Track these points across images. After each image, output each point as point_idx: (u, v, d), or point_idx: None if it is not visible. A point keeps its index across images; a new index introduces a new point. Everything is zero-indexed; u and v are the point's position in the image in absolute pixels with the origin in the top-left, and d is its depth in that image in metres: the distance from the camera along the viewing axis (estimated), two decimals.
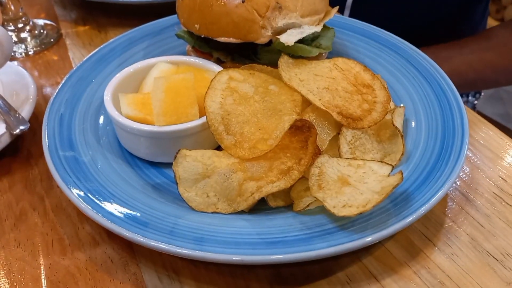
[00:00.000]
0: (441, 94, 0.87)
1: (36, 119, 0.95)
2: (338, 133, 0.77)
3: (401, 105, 0.87)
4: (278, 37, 0.82)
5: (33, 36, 1.21)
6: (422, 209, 0.66)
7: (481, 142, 0.88)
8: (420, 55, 0.96)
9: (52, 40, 1.22)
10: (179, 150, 0.71)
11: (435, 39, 1.48)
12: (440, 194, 0.68)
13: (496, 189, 0.79)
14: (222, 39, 0.85)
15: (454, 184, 0.79)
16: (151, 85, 0.80)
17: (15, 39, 1.18)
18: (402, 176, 0.65)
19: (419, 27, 1.52)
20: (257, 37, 0.84)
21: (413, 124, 0.83)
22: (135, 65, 0.87)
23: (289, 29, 0.84)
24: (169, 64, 0.88)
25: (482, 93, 1.90)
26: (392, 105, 0.84)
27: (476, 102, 1.91)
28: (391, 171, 0.70)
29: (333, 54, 1.01)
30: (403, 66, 0.95)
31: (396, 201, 0.69)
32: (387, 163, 0.71)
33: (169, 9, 1.10)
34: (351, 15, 1.53)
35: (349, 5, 1.52)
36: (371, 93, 0.80)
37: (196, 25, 0.87)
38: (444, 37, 1.52)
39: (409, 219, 0.65)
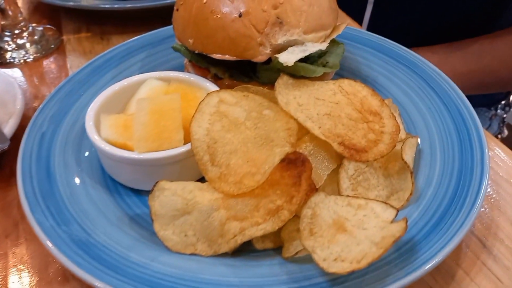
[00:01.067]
0: (460, 122, 0.77)
1: (23, 132, 0.89)
2: (339, 166, 0.68)
3: (415, 134, 0.78)
4: (277, 55, 0.74)
5: (32, 43, 1.16)
6: (428, 264, 0.57)
7: (504, 177, 0.78)
8: (439, 76, 0.86)
9: (52, 46, 1.17)
10: (156, 183, 0.64)
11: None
12: (450, 247, 0.59)
13: None
14: (217, 56, 0.78)
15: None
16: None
17: (13, 45, 1.14)
18: (406, 225, 0.56)
19: (447, 27, 1.41)
20: (254, 55, 0.76)
21: (427, 156, 0.74)
22: (122, 82, 0.80)
23: (291, 46, 0.76)
24: (160, 81, 0.81)
25: None
26: (404, 133, 0.75)
27: (505, 115, 1.78)
28: (396, 215, 0.61)
29: (343, 70, 0.92)
30: (420, 87, 0.86)
31: (400, 251, 0.60)
32: (392, 206, 0.62)
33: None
34: (373, 12, 1.43)
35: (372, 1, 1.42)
36: (379, 122, 0.71)
37: (190, 40, 0.80)
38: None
39: (413, 276, 0.56)
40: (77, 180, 0.72)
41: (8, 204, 0.77)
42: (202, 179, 0.72)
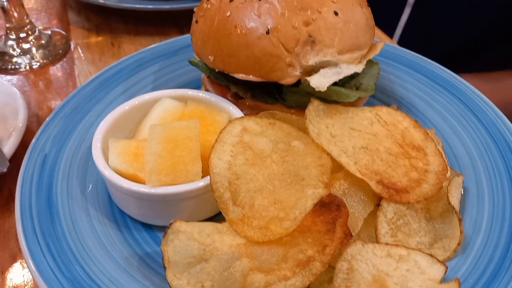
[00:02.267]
0: (510, 159, 0.69)
1: (24, 149, 0.82)
2: (377, 207, 0.60)
3: (458, 169, 0.69)
4: (308, 78, 0.66)
5: (39, 47, 1.09)
6: None
7: None
8: (484, 102, 0.78)
9: (60, 51, 1.10)
10: (171, 223, 0.56)
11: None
12: None
13: None
14: (240, 76, 0.70)
15: None
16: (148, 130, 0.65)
17: (18, 50, 1.07)
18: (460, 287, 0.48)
19: (487, 31, 1.32)
20: (282, 77, 0.68)
21: (473, 196, 0.66)
22: (133, 101, 0.73)
23: (323, 68, 0.68)
24: (175, 101, 0.73)
25: None
26: (448, 171, 0.67)
27: None
28: (445, 272, 0.53)
29: (376, 90, 0.83)
30: (463, 115, 0.77)
31: None
32: (439, 261, 0.54)
33: (189, 19, 0.97)
34: (411, 14, 1.35)
35: (412, 2, 1.34)
36: (422, 159, 0.63)
37: (210, 57, 0.72)
38: None
39: None
40: (81, 213, 0.65)
41: (6, 233, 0.70)
42: (219, 214, 0.65)
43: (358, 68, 0.69)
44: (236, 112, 0.71)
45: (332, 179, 0.61)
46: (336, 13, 0.67)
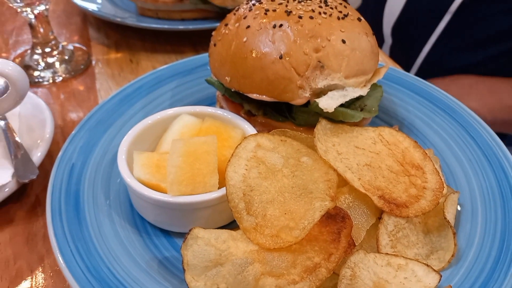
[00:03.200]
0: (503, 178, 0.74)
1: (50, 158, 0.88)
2: (378, 220, 0.66)
3: (454, 187, 0.75)
4: (317, 100, 0.72)
5: (62, 62, 1.15)
6: None
7: None
8: (478, 123, 0.84)
9: (81, 67, 1.17)
10: (190, 230, 0.62)
11: None
12: None
13: None
14: (254, 96, 0.76)
15: None
16: (169, 144, 0.71)
17: (42, 64, 1.14)
18: None
19: None
20: (293, 98, 0.74)
21: (467, 213, 0.71)
22: (155, 116, 0.79)
23: (331, 90, 0.74)
24: (193, 117, 0.79)
25: None
26: (445, 187, 0.73)
27: None
28: (439, 281, 0.58)
29: (379, 111, 0.89)
30: (459, 135, 0.83)
31: None
32: (434, 270, 0.59)
33: (203, 37, 1.03)
34: (450, 22, 1.38)
35: (453, 10, 1.37)
36: (421, 177, 0.68)
37: (227, 78, 0.78)
38: None
39: None
40: (105, 218, 0.70)
41: (33, 236, 0.76)
42: (233, 222, 0.70)
43: (363, 91, 0.75)
44: (249, 128, 0.77)
45: (338, 193, 0.67)
46: (343, 41, 0.74)
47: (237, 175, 0.66)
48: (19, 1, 1.01)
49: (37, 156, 0.82)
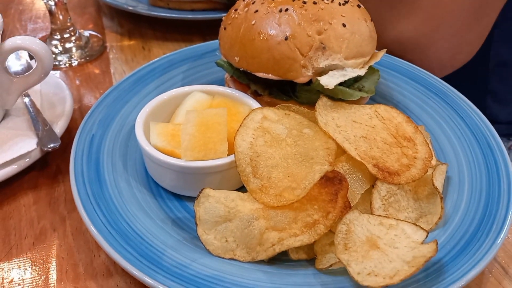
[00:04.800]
0: (488, 154, 0.80)
1: (69, 133, 0.95)
2: (372, 187, 0.72)
3: (444, 161, 0.81)
4: (319, 78, 0.79)
5: (78, 47, 1.22)
6: (453, 286, 0.60)
7: None
8: (468, 105, 0.90)
9: (96, 52, 1.23)
10: (202, 189, 0.68)
11: None
12: (476, 270, 0.62)
13: None
14: (261, 75, 0.83)
15: None
16: (183, 116, 0.78)
17: (60, 48, 1.21)
18: (437, 247, 0.60)
19: None
20: (296, 76, 0.80)
21: (455, 183, 0.77)
22: (170, 93, 0.85)
23: (331, 70, 0.81)
24: (204, 94, 0.86)
25: None
26: (434, 160, 0.79)
27: None
28: (426, 237, 0.65)
29: (377, 95, 0.96)
30: (450, 117, 0.90)
31: (428, 271, 0.63)
32: (422, 228, 0.65)
33: (212, 27, 1.09)
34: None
35: None
36: (412, 148, 0.75)
37: (236, 58, 0.85)
38: None
39: None
40: (123, 182, 0.77)
41: (55, 200, 0.82)
42: (240, 189, 0.76)
43: (361, 71, 0.82)
44: (256, 105, 0.83)
45: (336, 161, 0.73)
46: (344, 25, 0.80)
47: (245, 143, 0.73)
48: None
49: (58, 128, 0.89)
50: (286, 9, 0.81)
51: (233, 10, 0.89)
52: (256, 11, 0.83)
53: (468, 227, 0.70)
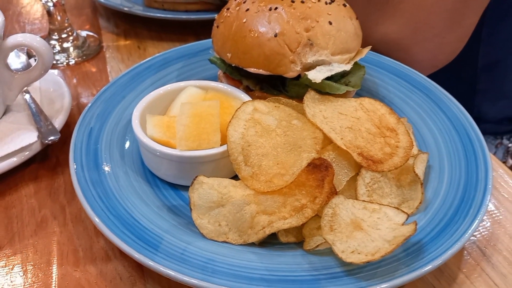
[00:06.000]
0: (467, 143, 0.85)
1: (67, 128, 0.98)
2: (357, 174, 0.77)
3: (426, 151, 0.86)
4: (307, 73, 0.83)
5: (76, 47, 1.26)
6: (432, 263, 0.64)
7: (506, 196, 0.85)
8: (450, 100, 0.95)
9: (93, 52, 1.27)
10: (196, 176, 0.72)
11: None
12: (454, 249, 0.66)
13: None
14: (252, 70, 0.87)
15: (472, 238, 0.77)
16: (178, 109, 0.82)
17: (58, 48, 1.24)
18: (416, 227, 0.64)
19: None
20: (286, 71, 0.85)
21: (435, 171, 0.82)
22: (165, 87, 0.89)
23: (319, 65, 0.85)
24: (198, 88, 0.90)
25: None
26: (416, 150, 0.84)
27: (510, 145, 1.85)
28: (407, 219, 0.69)
29: (363, 90, 1.01)
30: (432, 110, 0.94)
31: (409, 250, 0.67)
32: (403, 211, 0.70)
33: (205, 27, 1.13)
34: None
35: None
36: (394, 137, 0.79)
37: (228, 54, 0.89)
38: None
39: (419, 272, 0.64)
40: (121, 172, 0.81)
41: (55, 190, 0.86)
42: (233, 178, 0.80)
43: (347, 67, 0.86)
44: (247, 99, 0.87)
45: (323, 150, 0.77)
46: (330, 23, 0.85)
47: (236, 133, 0.77)
48: None
49: (57, 123, 0.93)
50: (276, 8, 0.85)
51: (225, 9, 0.94)
52: (247, 9, 0.87)
53: (447, 211, 0.74)
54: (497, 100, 1.73)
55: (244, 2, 0.89)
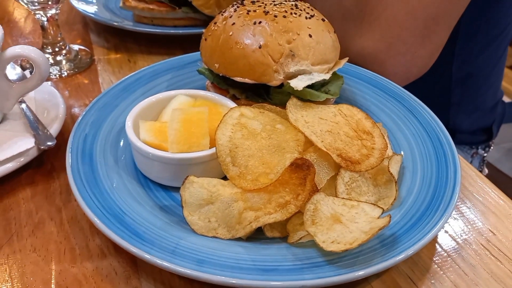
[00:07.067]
0: (438, 146, 0.92)
1: (62, 136, 1.03)
2: (337, 174, 0.83)
3: (400, 153, 0.92)
4: (289, 81, 0.90)
5: (68, 60, 1.31)
6: (405, 253, 0.70)
7: (475, 195, 0.92)
8: (422, 107, 1.02)
9: (85, 64, 1.32)
10: (187, 177, 0.77)
11: None
12: (425, 240, 0.72)
13: (484, 241, 0.83)
14: (238, 79, 0.93)
15: (444, 232, 0.84)
16: (169, 115, 0.87)
17: (51, 61, 1.29)
18: (390, 219, 0.70)
19: None
20: (270, 80, 0.91)
21: (409, 171, 0.88)
22: (157, 96, 0.95)
23: (300, 75, 0.92)
24: (188, 97, 0.96)
25: (492, 147, 1.93)
26: (391, 152, 0.90)
27: (485, 155, 1.94)
28: (382, 213, 0.75)
29: (341, 99, 1.08)
30: (406, 116, 1.01)
31: (384, 242, 0.73)
32: (379, 206, 0.76)
33: (192, 42, 1.19)
34: None
35: None
36: (370, 140, 0.86)
37: (216, 64, 0.95)
38: None
39: (393, 261, 0.69)
40: (115, 175, 0.85)
41: (51, 193, 0.90)
42: (222, 179, 0.85)
43: (326, 76, 0.93)
44: (233, 106, 0.93)
45: (305, 152, 0.83)
46: (310, 36, 0.92)
47: (224, 137, 0.82)
48: (36, 4, 1.18)
49: (53, 130, 0.97)
50: (260, 22, 0.92)
51: (212, 23, 1.00)
52: (233, 23, 0.94)
53: (420, 206, 0.80)
54: (470, 112, 1.82)
55: (230, 17, 0.96)
